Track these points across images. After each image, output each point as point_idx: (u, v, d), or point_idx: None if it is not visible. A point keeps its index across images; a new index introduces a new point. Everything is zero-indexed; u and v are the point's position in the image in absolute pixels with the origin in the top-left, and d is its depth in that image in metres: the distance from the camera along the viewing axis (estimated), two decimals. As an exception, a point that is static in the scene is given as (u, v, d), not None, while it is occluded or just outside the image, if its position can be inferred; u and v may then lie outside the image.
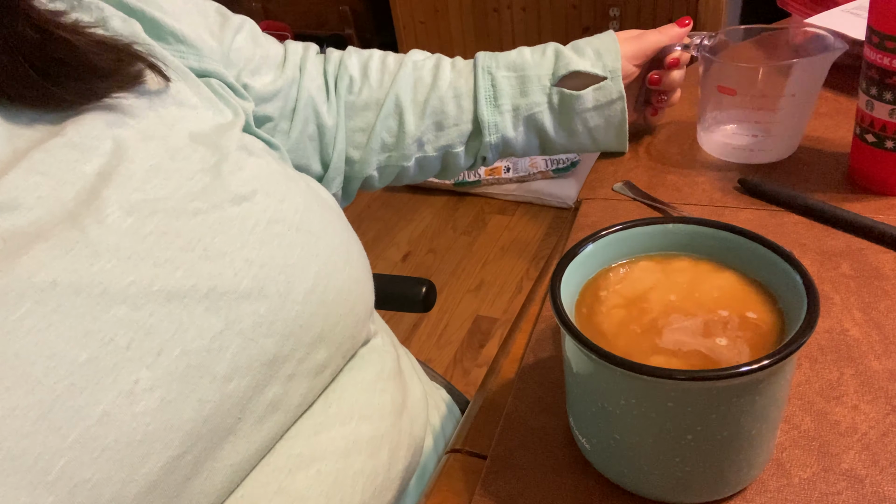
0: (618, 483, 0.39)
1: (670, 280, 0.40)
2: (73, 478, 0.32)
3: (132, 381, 0.35)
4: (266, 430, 0.42)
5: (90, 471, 0.33)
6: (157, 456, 0.35)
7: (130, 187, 0.39)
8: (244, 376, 0.40)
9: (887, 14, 0.53)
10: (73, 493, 0.32)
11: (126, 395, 0.34)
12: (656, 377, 0.32)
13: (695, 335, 0.37)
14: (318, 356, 0.45)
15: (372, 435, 0.48)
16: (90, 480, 0.33)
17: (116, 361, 0.35)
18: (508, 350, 0.52)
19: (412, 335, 1.80)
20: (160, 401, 0.36)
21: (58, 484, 0.32)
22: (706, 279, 0.40)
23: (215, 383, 0.38)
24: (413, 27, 2.69)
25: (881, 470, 0.39)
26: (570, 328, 0.34)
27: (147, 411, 0.35)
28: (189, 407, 0.37)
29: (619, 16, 2.36)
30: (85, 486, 0.33)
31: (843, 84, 0.79)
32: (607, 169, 0.71)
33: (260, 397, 0.41)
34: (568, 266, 0.39)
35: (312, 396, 0.45)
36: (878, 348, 0.46)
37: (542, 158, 2.20)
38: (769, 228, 0.59)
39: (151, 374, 0.36)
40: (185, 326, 0.38)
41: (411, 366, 0.61)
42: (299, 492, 0.43)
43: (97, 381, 0.34)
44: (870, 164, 0.60)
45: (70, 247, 0.36)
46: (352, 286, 0.47)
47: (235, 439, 0.40)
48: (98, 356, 0.34)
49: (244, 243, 0.41)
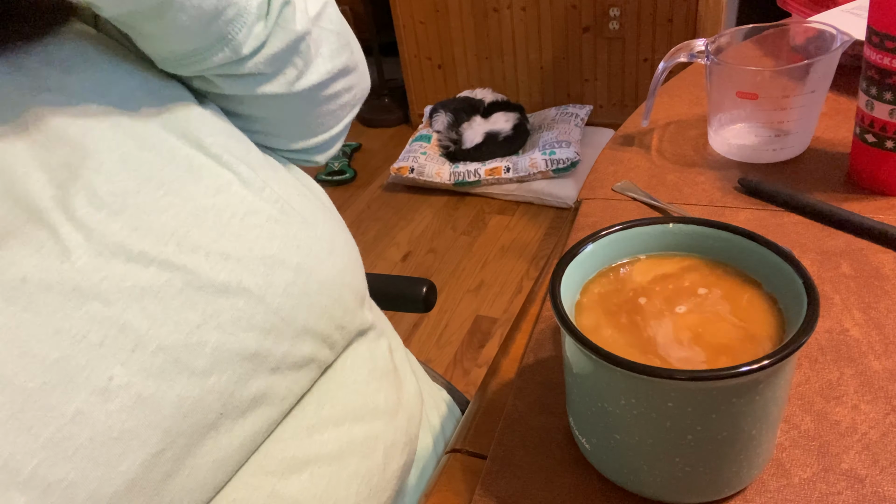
0: (618, 483, 0.39)
1: (670, 280, 0.40)
2: (47, 478, 0.32)
3: (106, 378, 0.34)
4: (250, 425, 0.41)
5: (64, 470, 0.32)
6: (135, 454, 0.35)
7: (99, 180, 0.38)
8: (224, 371, 0.39)
9: (887, 14, 0.53)
10: (46, 493, 0.32)
11: (100, 393, 0.34)
12: (656, 377, 0.32)
13: (695, 335, 0.37)
14: (303, 349, 0.44)
15: (366, 435, 0.47)
16: (64, 480, 0.32)
17: (89, 359, 0.34)
18: (508, 350, 0.52)
19: (412, 335, 1.80)
20: (136, 397, 0.35)
21: (30, 484, 0.31)
22: (706, 279, 0.40)
23: (194, 378, 0.37)
24: (413, 27, 2.69)
25: (881, 470, 0.39)
26: (570, 328, 0.34)
27: (122, 408, 0.34)
28: (167, 403, 0.36)
29: (618, 16, 2.36)
30: (59, 486, 0.32)
31: (843, 84, 0.79)
32: (607, 169, 0.71)
33: (242, 392, 0.40)
34: (568, 266, 0.39)
35: (300, 389, 0.45)
36: (878, 348, 0.46)
37: (543, 158, 2.20)
38: (769, 228, 0.59)
39: (126, 371, 0.35)
40: (161, 322, 0.37)
41: (406, 361, 0.60)
42: (293, 496, 0.42)
43: (69, 378, 0.33)
44: (870, 164, 0.60)
45: (40, 244, 0.35)
46: (336, 276, 0.46)
47: (217, 435, 0.39)
48: (70, 354, 0.34)
49: (220, 235, 0.40)
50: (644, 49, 2.40)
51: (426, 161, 2.35)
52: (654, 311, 0.38)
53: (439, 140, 2.42)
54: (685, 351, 0.36)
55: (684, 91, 0.85)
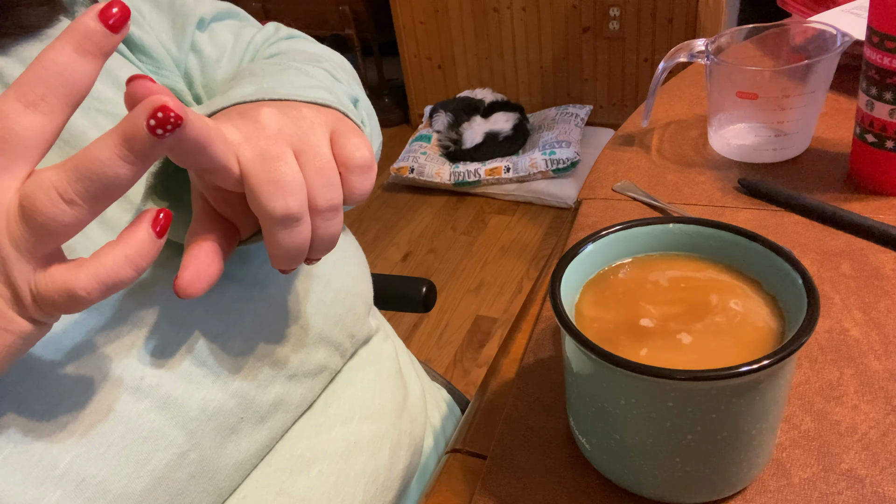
0: (618, 483, 0.39)
1: (670, 280, 0.40)
2: (80, 473, 0.32)
3: (138, 377, 0.35)
4: (267, 430, 0.42)
5: (96, 466, 0.33)
6: (162, 453, 0.36)
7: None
8: (246, 376, 0.40)
9: (887, 14, 0.53)
10: (80, 488, 0.32)
11: (132, 392, 0.35)
12: (656, 377, 0.32)
13: (695, 335, 0.37)
14: (317, 356, 0.45)
15: (373, 435, 0.48)
16: (97, 476, 0.33)
17: (122, 358, 0.35)
18: (508, 350, 0.52)
19: (412, 335, 1.80)
20: (165, 398, 0.36)
21: (65, 478, 0.32)
22: (706, 279, 0.40)
23: (218, 382, 0.38)
24: (413, 27, 2.69)
25: (881, 470, 0.39)
26: (570, 328, 0.34)
27: (152, 408, 0.35)
28: (193, 405, 0.37)
29: (619, 16, 2.36)
30: (92, 482, 0.33)
31: (843, 84, 0.79)
32: (607, 169, 0.71)
33: (262, 397, 0.41)
34: (568, 266, 0.39)
35: (312, 397, 0.46)
36: (878, 348, 0.46)
37: (543, 158, 2.20)
38: (769, 228, 0.59)
39: (156, 372, 0.36)
40: (188, 326, 0.38)
41: (411, 364, 0.60)
42: (301, 493, 0.43)
43: (103, 377, 0.34)
44: (870, 164, 0.60)
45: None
46: (350, 285, 0.47)
47: (238, 438, 0.40)
48: (103, 353, 0.34)
49: None
50: (644, 49, 2.40)
51: (426, 161, 2.35)
52: (654, 311, 0.38)
53: (439, 140, 2.42)
54: (685, 351, 0.36)
55: (684, 91, 0.85)
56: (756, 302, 0.38)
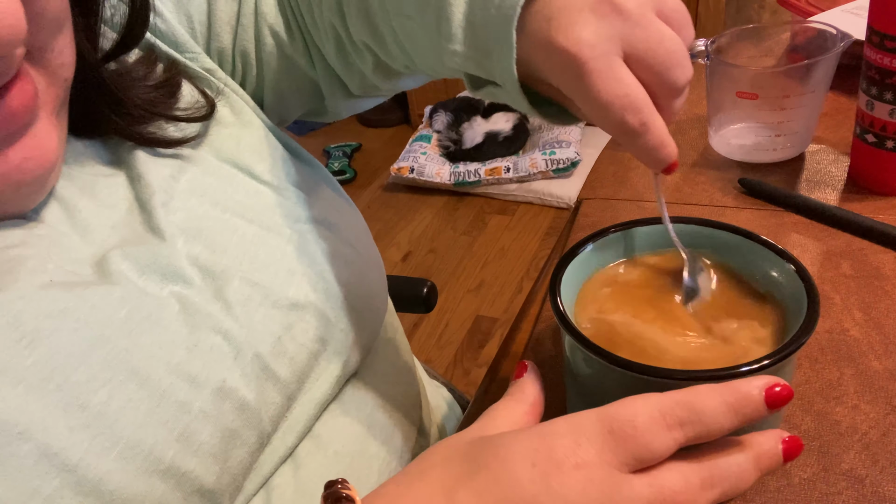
0: (618, 483, 0.39)
1: (670, 280, 0.40)
2: (181, 468, 0.34)
3: (221, 380, 0.37)
4: (304, 426, 0.43)
5: (192, 463, 0.35)
6: (239, 451, 0.38)
7: (174, 205, 0.41)
8: (299, 380, 0.42)
9: (887, 14, 0.53)
10: (180, 482, 0.34)
11: (217, 393, 0.37)
12: (656, 377, 0.32)
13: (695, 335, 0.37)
14: (350, 360, 0.46)
15: (386, 422, 0.49)
16: (193, 472, 0.35)
17: (204, 363, 0.37)
18: (508, 350, 0.52)
19: (412, 335, 1.80)
20: (241, 400, 0.38)
21: (169, 472, 0.34)
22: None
23: (279, 385, 0.40)
24: (413, 27, 2.68)
25: (881, 470, 0.39)
26: (570, 328, 0.34)
27: (232, 409, 0.37)
28: (263, 406, 0.39)
29: (619, 16, 2.35)
30: (190, 476, 0.35)
31: (843, 84, 0.79)
32: (607, 169, 0.71)
33: (305, 397, 0.43)
34: (568, 266, 0.39)
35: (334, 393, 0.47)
36: (878, 348, 0.46)
37: (543, 159, 2.20)
38: (769, 228, 0.59)
39: (233, 375, 0.38)
40: (252, 332, 0.40)
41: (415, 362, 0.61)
42: (317, 471, 0.44)
43: (192, 379, 0.36)
44: (870, 164, 0.60)
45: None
46: (375, 290, 0.49)
47: (284, 435, 0.42)
48: (186, 359, 0.36)
49: (283, 254, 0.43)
50: (644, 49, 2.39)
51: (426, 161, 2.35)
52: (653, 310, 0.38)
53: (439, 140, 2.42)
54: (685, 351, 0.36)
55: (684, 91, 0.85)
56: (756, 302, 0.38)
